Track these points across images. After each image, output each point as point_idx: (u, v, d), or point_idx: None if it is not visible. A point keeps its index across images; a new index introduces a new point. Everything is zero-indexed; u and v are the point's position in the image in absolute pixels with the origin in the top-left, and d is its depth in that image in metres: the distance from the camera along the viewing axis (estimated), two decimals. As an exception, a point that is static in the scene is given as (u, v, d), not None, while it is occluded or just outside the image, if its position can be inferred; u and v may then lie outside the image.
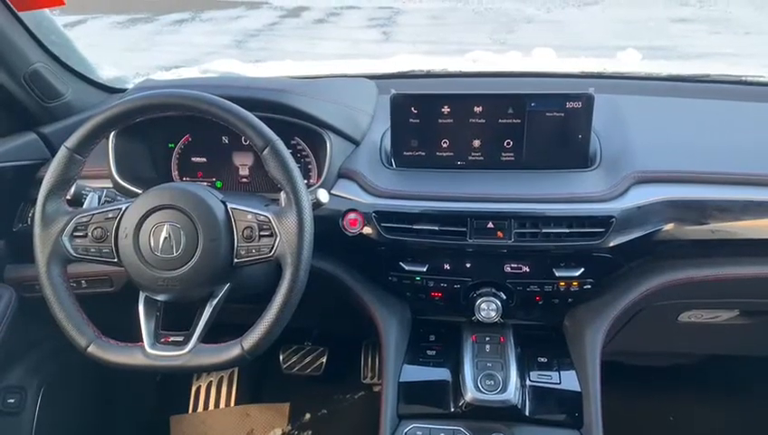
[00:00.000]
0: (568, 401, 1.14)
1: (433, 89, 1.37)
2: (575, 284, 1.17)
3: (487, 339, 1.22)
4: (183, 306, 0.99)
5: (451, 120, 1.19)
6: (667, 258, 1.20)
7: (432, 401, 1.16)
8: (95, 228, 0.97)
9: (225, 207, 0.97)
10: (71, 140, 0.97)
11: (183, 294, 0.97)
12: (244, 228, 0.95)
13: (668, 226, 1.13)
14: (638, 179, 1.13)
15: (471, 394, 1.10)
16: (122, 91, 1.53)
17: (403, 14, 10.05)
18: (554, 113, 1.17)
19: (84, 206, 1.04)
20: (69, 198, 1.01)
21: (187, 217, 0.95)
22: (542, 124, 1.18)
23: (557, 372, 1.18)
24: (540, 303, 1.21)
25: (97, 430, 1.68)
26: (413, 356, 1.24)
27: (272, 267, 1.04)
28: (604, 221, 1.10)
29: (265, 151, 0.95)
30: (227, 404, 1.95)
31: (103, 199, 1.08)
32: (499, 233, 1.12)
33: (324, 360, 1.96)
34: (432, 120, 1.19)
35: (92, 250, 0.97)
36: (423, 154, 1.22)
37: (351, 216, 1.15)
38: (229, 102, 0.96)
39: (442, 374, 1.19)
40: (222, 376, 2.00)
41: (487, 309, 1.17)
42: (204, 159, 1.29)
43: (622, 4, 9.44)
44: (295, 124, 1.19)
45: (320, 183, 1.17)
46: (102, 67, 1.55)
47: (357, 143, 1.25)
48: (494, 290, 1.19)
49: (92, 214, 0.98)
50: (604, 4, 9.86)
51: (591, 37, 7.15)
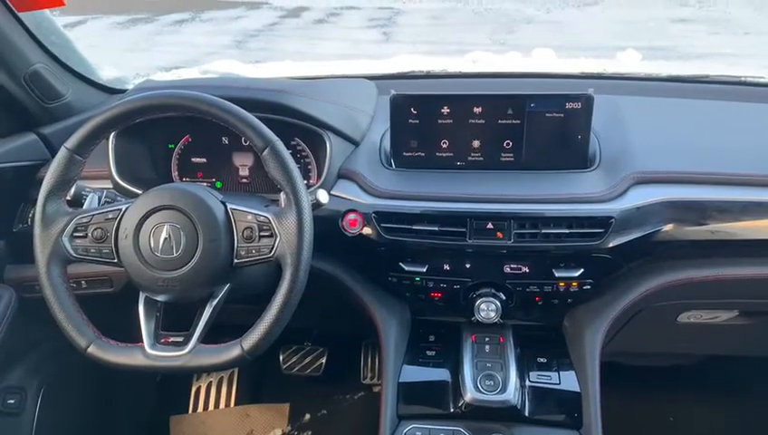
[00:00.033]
0: (567, 401, 1.14)
1: (433, 89, 1.37)
2: (575, 284, 1.17)
3: (487, 339, 1.22)
4: (183, 307, 0.99)
5: (451, 121, 1.19)
6: (666, 259, 1.20)
7: (432, 401, 1.16)
8: (95, 229, 0.97)
9: (225, 207, 0.97)
10: (71, 141, 0.97)
11: (183, 295, 0.97)
12: (244, 229, 0.95)
13: (668, 226, 1.13)
14: (637, 180, 1.13)
15: (471, 395, 1.10)
16: (122, 91, 1.53)
17: (403, 14, 10.05)
18: (554, 114, 1.17)
19: (84, 206, 1.04)
20: (69, 198, 1.01)
21: (187, 218, 0.95)
22: (542, 125, 1.18)
23: (556, 373, 1.18)
24: (539, 303, 1.21)
25: (97, 430, 1.68)
26: (413, 357, 1.24)
27: (272, 268, 1.04)
28: (603, 222, 1.10)
29: (265, 152, 0.95)
30: (227, 404, 1.95)
31: (103, 200, 1.08)
32: (499, 233, 1.12)
33: (324, 360, 1.96)
34: (432, 121, 1.20)
35: (92, 251, 0.97)
36: (423, 155, 1.22)
37: (351, 216, 1.16)
38: (229, 103, 0.96)
39: (442, 375, 1.19)
40: (222, 376, 2.00)
41: (487, 309, 1.18)
42: (204, 159, 1.29)
43: (622, 5, 9.44)
44: (295, 125, 1.19)
45: (319, 184, 1.17)
46: (102, 68, 1.55)
47: (357, 144, 1.25)
48: (493, 290, 1.19)
49: (92, 214, 0.98)
50: (604, 4, 9.87)
51: (591, 38, 7.15)
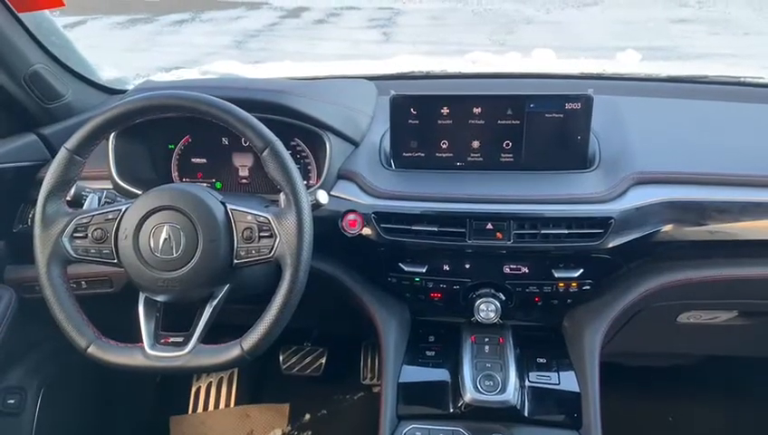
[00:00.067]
0: (567, 401, 1.14)
1: (432, 90, 1.37)
2: (574, 284, 1.17)
3: (486, 340, 1.22)
4: (183, 307, 0.99)
5: (450, 121, 1.19)
6: (665, 259, 1.20)
7: (431, 401, 1.16)
8: (95, 229, 0.97)
9: (225, 208, 0.97)
10: (71, 142, 0.97)
11: (183, 295, 0.97)
12: (244, 229, 0.95)
13: (667, 227, 1.13)
14: (636, 180, 1.13)
15: (470, 395, 1.11)
16: (122, 92, 1.54)
17: (403, 14, 10.05)
18: (553, 114, 1.17)
19: (84, 207, 1.05)
20: (69, 199, 1.01)
21: (187, 218, 0.95)
22: (542, 125, 1.18)
23: (556, 373, 1.18)
24: (539, 303, 1.21)
25: (97, 430, 1.68)
26: (412, 357, 1.24)
27: (271, 268, 1.04)
28: (603, 222, 1.10)
29: (265, 153, 0.95)
30: (227, 405, 1.95)
31: (103, 200, 1.08)
32: (498, 234, 1.12)
33: (324, 360, 1.96)
34: (431, 121, 1.20)
35: (92, 251, 0.97)
36: (422, 155, 1.22)
37: (351, 217, 1.16)
38: (229, 104, 0.96)
39: (441, 375, 1.19)
40: (222, 377, 2.00)
41: (486, 310, 1.18)
42: (204, 160, 1.29)
43: (621, 5, 9.44)
44: (295, 125, 1.19)
45: (319, 184, 1.17)
46: (102, 68, 1.55)
47: (356, 144, 1.26)
48: (493, 291, 1.19)
49: (92, 215, 0.98)
50: (603, 4, 9.86)
51: (591, 38, 7.14)
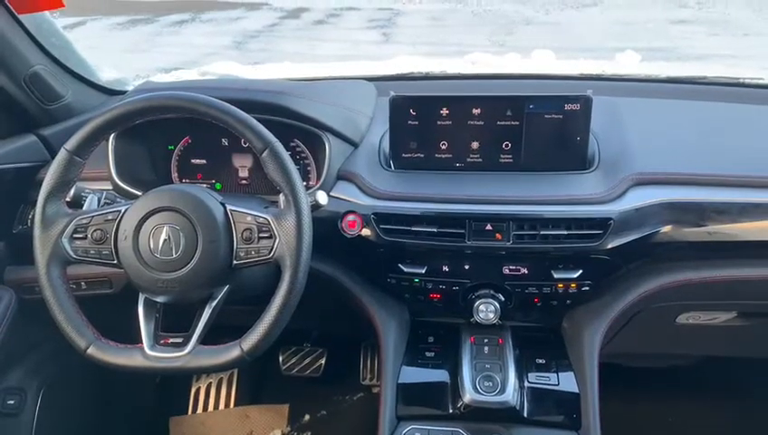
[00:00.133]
0: (566, 402, 1.14)
1: (432, 91, 1.38)
2: (573, 285, 1.17)
3: (486, 340, 1.22)
4: (182, 308, 0.99)
5: (450, 122, 1.19)
6: (664, 260, 1.20)
7: (431, 402, 1.16)
8: (95, 230, 0.97)
9: (225, 208, 0.97)
10: (70, 142, 0.97)
11: (182, 296, 0.97)
12: (244, 230, 0.95)
13: (666, 228, 1.13)
14: (636, 181, 1.13)
15: (469, 395, 1.11)
16: (122, 93, 1.54)
17: (403, 15, 10.06)
18: (553, 115, 1.17)
19: (84, 208, 1.05)
20: (69, 199, 1.01)
21: (187, 219, 0.95)
22: (541, 126, 1.18)
23: (555, 374, 1.18)
24: (538, 304, 1.21)
25: (96, 431, 1.68)
26: (412, 358, 1.24)
27: (271, 269, 1.04)
28: (602, 223, 1.10)
29: (264, 154, 0.95)
30: (227, 405, 1.95)
31: (103, 201, 1.08)
32: (497, 235, 1.12)
33: (323, 361, 1.96)
34: (431, 122, 1.20)
35: (92, 252, 0.97)
36: (422, 156, 1.22)
37: (350, 217, 1.16)
38: (228, 105, 0.96)
39: (441, 376, 1.19)
40: (221, 377, 2.00)
41: (486, 311, 1.18)
42: (203, 161, 1.29)
43: (621, 6, 9.45)
44: (294, 126, 1.19)
45: (319, 185, 1.17)
46: (102, 69, 1.55)
47: (356, 145, 1.26)
48: (492, 292, 1.19)
49: (92, 216, 0.98)
50: (603, 5, 9.87)
51: (590, 39, 7.15)
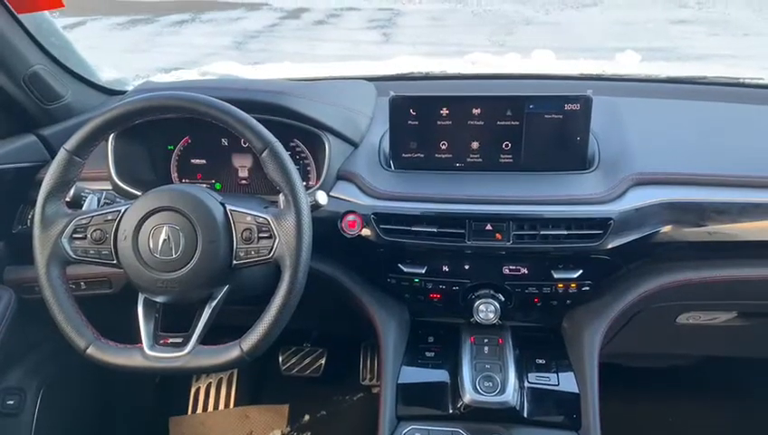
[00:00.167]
0: (566, 402, 1.14)
1: (432, 91, 1.38)
2: (573, 285, 1.17)
3: (486, 340, 1.22)
4: (182, 308, 0.99)
5: (450, 122, 1.19)
6: (665, 260, 1.20)
7: (431, 402, 1.16)
8: (94, 230, 0.97)
9: (225, 208, 0.97)
10: (70, 142, 0.97)
11: (182, 296, 0.97)
12: (243, 230, 0.95)
13: (666, 228, 1.13)
14: (636, 181, 1.13)
15: (469, 396, 1.11)
16: (122, 93, 1.54)
17: (403, 15, 10.06)
18: (553, 115, 1.17)
19: (83, 208, 1.05)
20: (68, 199, 1.01)
21: (186, 219, 0.95)
22: (541, 126, 1.18)
23: (555, 374, 1.18)
24: (538, 304, 1.21)
25: (96, 431, 1.68)
26: (412, 358, 1.24)
27: (271, 269, 1.04)
28: (602, 223, 1.10)
29: (264, 154, 0.95)
30: (227, 406, 1.95)
31: (102, 201, 1.08)
32: (497, 235, 1.12)
33: (323, 361, 1.96)
34: (431, 122, 1.20)
35: (92, 252, 0.97)
36: (422, 156, 1.22)
37: (350, 217, 1.16)
38: (228, 104, 0.96)
39: (440, 376, 1.19)
40: (221, 377, 2.00)
41: (486, 311, 1.18)
42: (203, 161, 1.29)
43: (621, 6, 9.45)
44: (294, 126, 1.19)
45: (318, 185, 1.17)
46: (102, 69, 1.55)
47: (356, 145, 1.26)
48: (492, 292, 1.19)
49: (92, 216, 0.98)
50: (603, 5, 9.87)
51: (590, 39, 7.15)
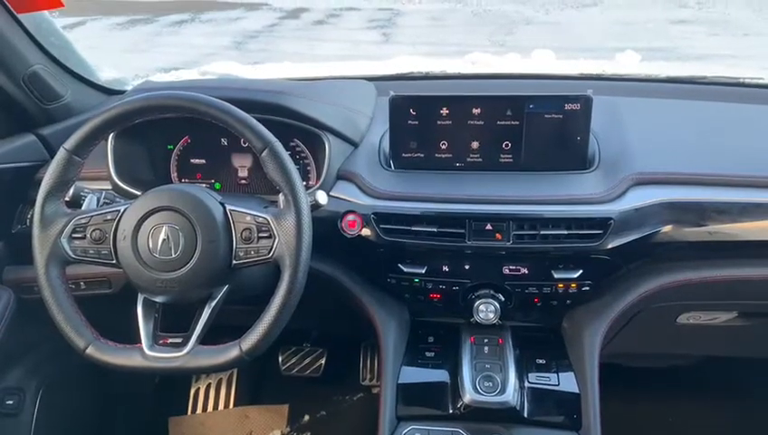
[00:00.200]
0: (566, 402, 1.14)
1: (432, 90, 1.37)
2: (573, 285, 1.17)
3: (486, 340, 1.22)
4: (182, 308, 0.99)
5: (450, 122, 1.19)
6: (665, 260, 1.20)
7: (431, 402, 1.16)
8: (94, 230, 0.97)
9: (224, 208, 0.97)
10: (69, 142, 0.97)
11: (181, 296, 0.97)
12: (243, 230, 0.95)
13: (667, 228, 1.13)
14: (636, 181, 1.13)
15: (469, 396, 1.10)
16: (121, 92, 1.53)
17: (403, 15, 10.05)
18: (553, 115, 1.17)
19: (83, 207, 1.04)
20: (68, 199, 1.01)
21: (186, 219, 0.95)
22: (541, 126, 1.18)
23: (555, 374, 1.18)
24: (538, 304, 1.21)
25: (95, 431, 1.67)
26: (412, 358, 1.24)
27: (270, 269, 1.04)
28: (602, 223, 1.10)
29: (264, 153, 0.95)
30: (226, 406, 1.95)
31: (102, 201, 1.08)
32: (498, 235, 1.12)
33: (323, 361, 1.96)
34: (431, 122, 1.20)
35: (91, 252, 0.97)
36: (422, 156, 1.22)
37: (350, 217, 1.15)
38: (227, 104, 0.96)
39: (441, 376, 1.19)
40: (221, 377, 2.00)
41: (486, 311, 1.17)
42: (203, 160, 1.29)
43: (621, 6, 9.44)
44: (294, 126, 1.19)
45: (318, 185, 1.17)
46: (102, 69, 1.55)
47: (356, 145, 1.25)
48: (492, 292, 1.19)
49: (91, 215, 0.98)
50: (603, 5, 9.86)
51: (590, 39, 7.15)
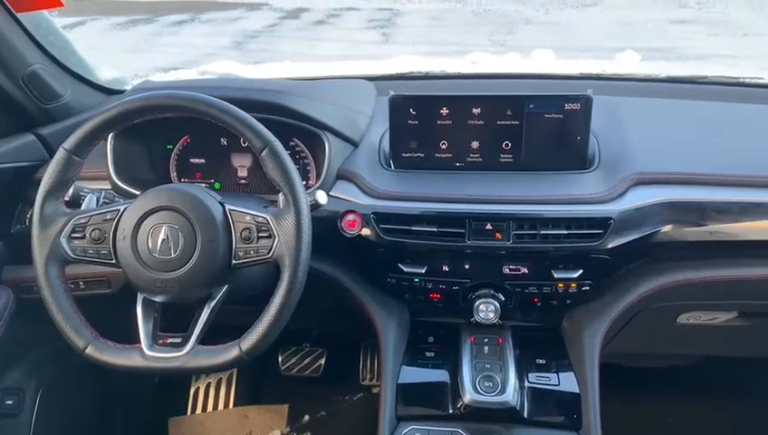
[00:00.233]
0: (566, 402, 1.14)
1: (432, 90, 1.37)
2: (573, 285, 1.17)
3: (486, 340, 1.22)
4: (181, 308, 0.99)
5: (450, 122, 1.19)
6: (665, 260, 1.20)
7: (431, 402, 1.16)
8: (93, 230, 0.97)
9: (224, 208, 0.97)
10: (69, 142, 0.97)
11: (181, 296, 0.97)
12: (243, 230, 0.95)
13: (667, 227, 1.13)
14: (636, 181, 1.13)
15: (469, 396, 1.10)
16: (121, 92, 1.53)
17: (402, 15, 10.05)
18: (553, 115, 1.17)
19: (82, 207, 1.04)
20: (67, 199, 1.01)
21: (185, 219, 0.95)
22: (541, 126, 1.18)
23: (555, 374, 1.18)
24: (538, 304, 1.21)
25: (95, 431, 1.67)
26: (412, 358, 1.24)
27: (270, 269, 1.03)
28: (602, 223, 1.10)
29: (264, 153, 0.95)
30: (226, 406, 1.95)
31: (101, 201, 1.08)
32: (498, 234, 1.11)
33: (323, 361, 1.96)
34: (431, 122, 1.19)
35: (90, 251, 0.97)
36: (422, 155, 1.22)
37: (350, 217, 1.15)
38: (227, 104, 0.96)
39: (440, 376, 1.19)
40: (221, 378, 2.00)
41: (486, 310, 1.17)
42: (202, 160, 1.29)
43: (621, 6, 9.44)
44: (293, 125, 1.19)
45: (318, 184, 1.17)
46: (101, 68, 1.55)
47: (355, 145, 1.25)
48: (492, 291, 1.19)
49: (90, 215, 0.98)
50: (603, 5, 9.86)
51: (590, 39, 7.15)
